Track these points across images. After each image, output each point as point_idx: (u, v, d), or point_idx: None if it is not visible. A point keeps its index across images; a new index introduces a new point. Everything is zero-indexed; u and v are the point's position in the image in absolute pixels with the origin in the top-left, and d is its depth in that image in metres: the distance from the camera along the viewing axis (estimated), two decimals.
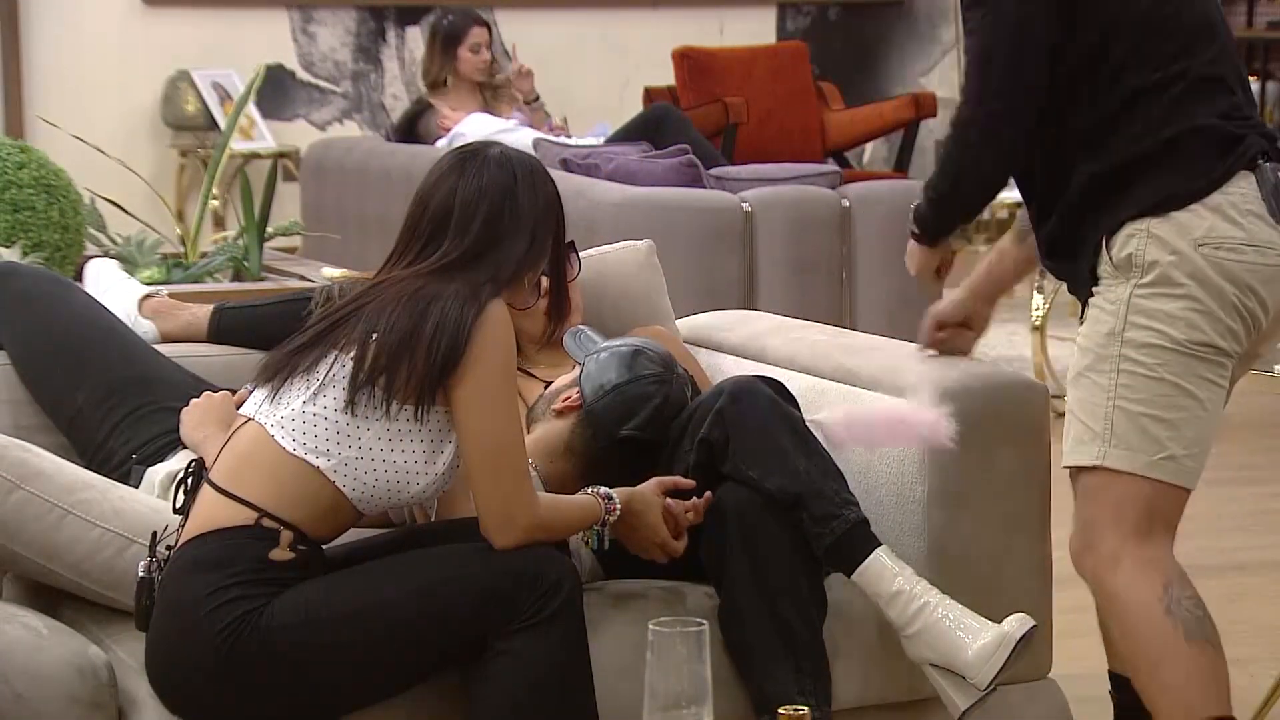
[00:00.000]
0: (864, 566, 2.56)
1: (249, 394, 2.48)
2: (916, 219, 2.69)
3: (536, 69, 6.95)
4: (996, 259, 2.81)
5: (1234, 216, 2.42)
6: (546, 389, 2.81)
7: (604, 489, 2.53)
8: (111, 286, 3.08)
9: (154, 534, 2.46)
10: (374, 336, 2.36)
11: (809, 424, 2.67)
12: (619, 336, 2.91)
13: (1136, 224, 2.46)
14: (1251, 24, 8.36)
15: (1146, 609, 2.42)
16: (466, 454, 2.38)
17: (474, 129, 6.26)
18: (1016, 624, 2.50)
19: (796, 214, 5.36)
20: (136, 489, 2.69)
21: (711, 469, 2.64)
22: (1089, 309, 2.52)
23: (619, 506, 2.51)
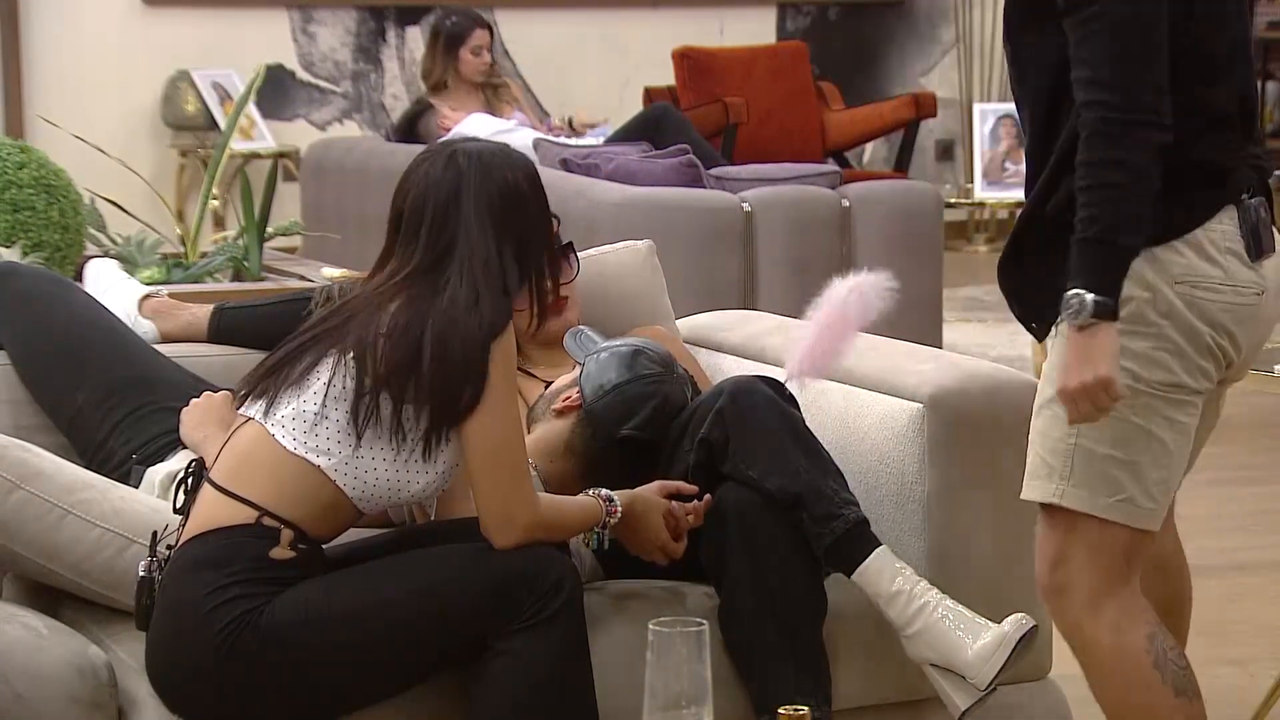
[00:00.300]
0: (864, 566, 2.56)
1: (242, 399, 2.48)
2: (1093, 285, 2.20)
3: (536, 69, 6.95)
4: None
5: (1213, 255, 2.30)
6: (547, 389, 2.81)
7: (605, 491, 2.53)
8: (111, 286, 3.08)
9: (154, 534, 2.46)
10: (371, 366, 2.35)
11: (786, 383, 2.66)
12: (619, 337, 2.91)
13: None
14: (1251, 24, 8.37)
15: (1133, 661, 2.32)
16: (467, 454, 2.38)
17: (474, 129, 6.26)
18: (1016, 624, 2.50)
19: (796, 214, 5.36)
20: (136, 489, 2.69)
21: (711, 469, 2.64)
22: (1054, 338, 2.33)
23: (620, 508, 2.51)
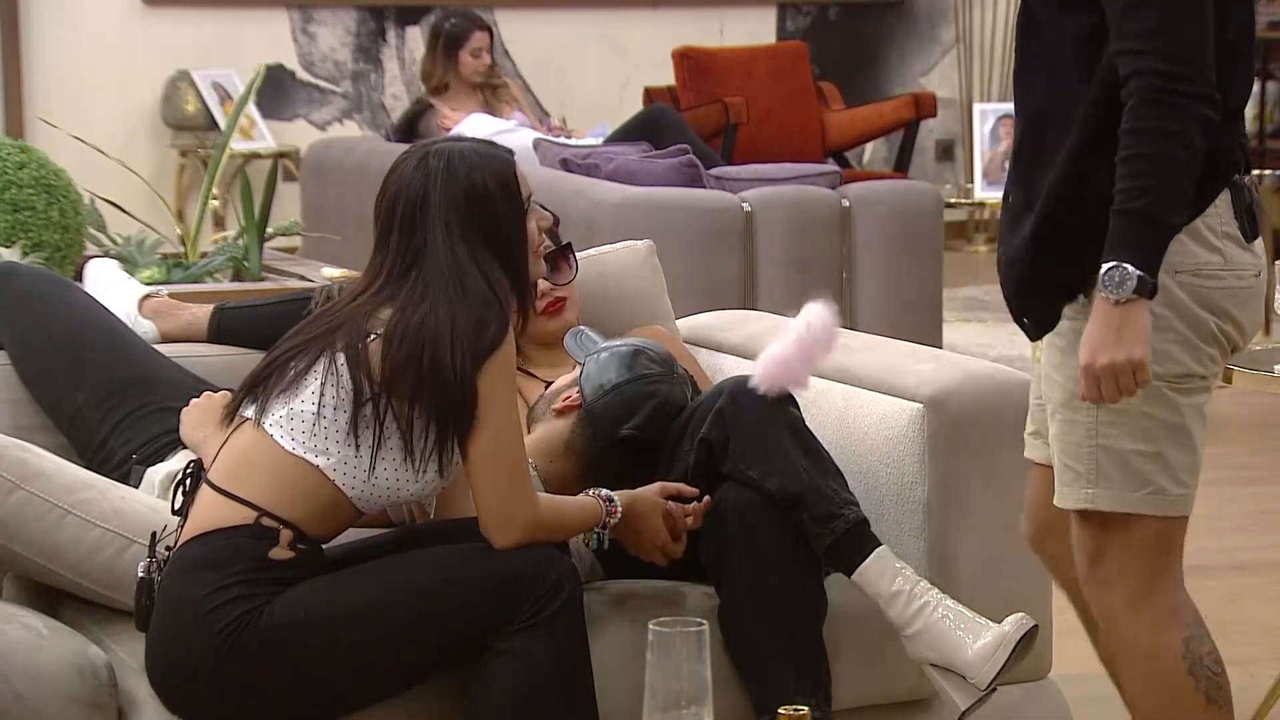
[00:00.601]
0: (864, 566, 2.56)
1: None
2: (1137, 259, 2.14)
3: (536, 69, 6.95)
4: None
5: (1211, 241, 2.27)
6: (547, 389, 2.82)
7: (605, 491, 2.53)
8: (111, 286, 3.08)
9: (153, 534, 2.46)
10: (367, 370, 2.35)
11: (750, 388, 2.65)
12: (619, 337, 2.91)
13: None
14: None
15: (1168, 666, 2.30)
16: (468, 454, 2.38)
17: (474, 130, 6.26)
18: (1016, 624, 2.50)
19: (796, 214, 5.36)
20: (136, 489, 2.69)
21: (711, 468, 2.64)
22: (1054, 337, 2.32)
23: (620, 509, 2.52)
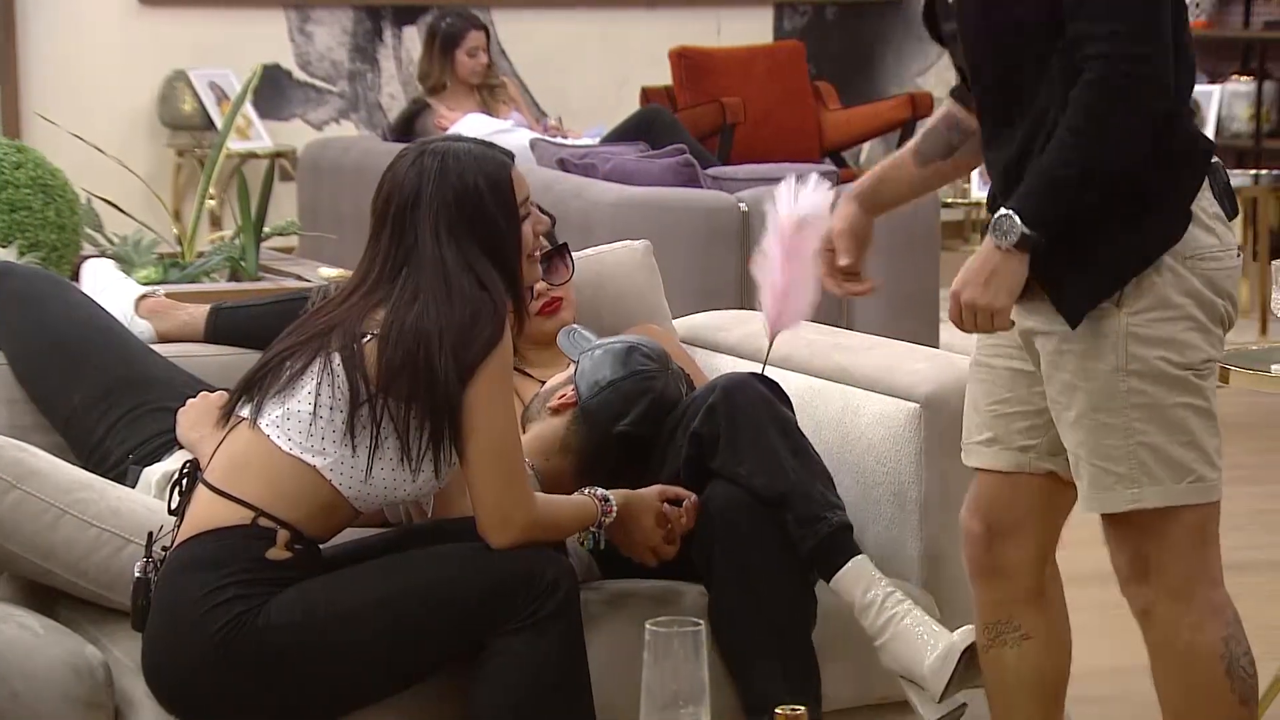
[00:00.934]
0: (841, 573, 2.56)
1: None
2: (1025, 215, 2.18)
3: (533, 68, 6.95)
4: (892, 169, 2.47)
5: (1207, 224, 2.28)
6: (542, 388, 2.82)
7: (600, 491, 2.53)
8: (108, 286, 3.08)
9: (150, 534, 2.46)
10: (363, 370, 2.35)
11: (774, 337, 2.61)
12: (614, 335, 2.91)
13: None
14: (1249, 24, 8.37)
15: (1206, 665, 2.29)
16: (464, 454, 2.38)
17: (470, 130, 6.26)
18: (963, 635, 2.49)
19: None
20: (133, 489, 2.68)
21: (702, 464, 2.65)
22: (1068, 344, 2.28)
23: (615, 508, 2.52)
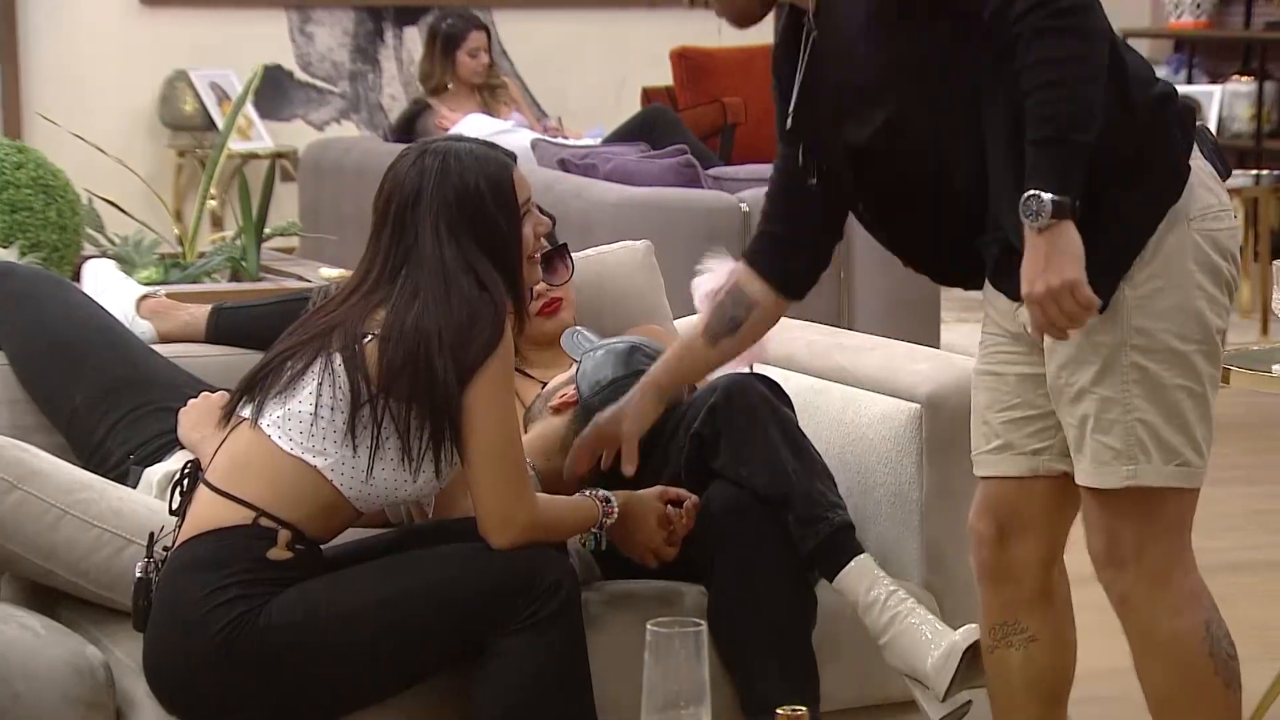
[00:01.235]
0: (844, 573, 2.55)
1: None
2: (1060, 186, 2.10)
3: (534, 69, 6.94)
4: (685, 353, 2.52)
5: (1207, 183, 2.24)
6: (544, 388, 2.82)
7: (602, 492, 2.53)
8: (109, 287, 3.08)
9: (151, 534, 2.46)
10: (364, 371, 2.35)
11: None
12: (615, 336, 2.91)
13: None
14: (1250, 24, 8.37)
15: (1191, 649, 2.28)
16: (466, 455, 2.38)
17: (471, 130, 6.26)
18: (965, 634, 2.49)
19: None
20: (134, 489, 2.69)
21: (703, 464, 2.65)
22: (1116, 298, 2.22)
23: (616, 509, 2.52)
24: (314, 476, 2.38)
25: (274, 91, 7.69)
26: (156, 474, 2.70)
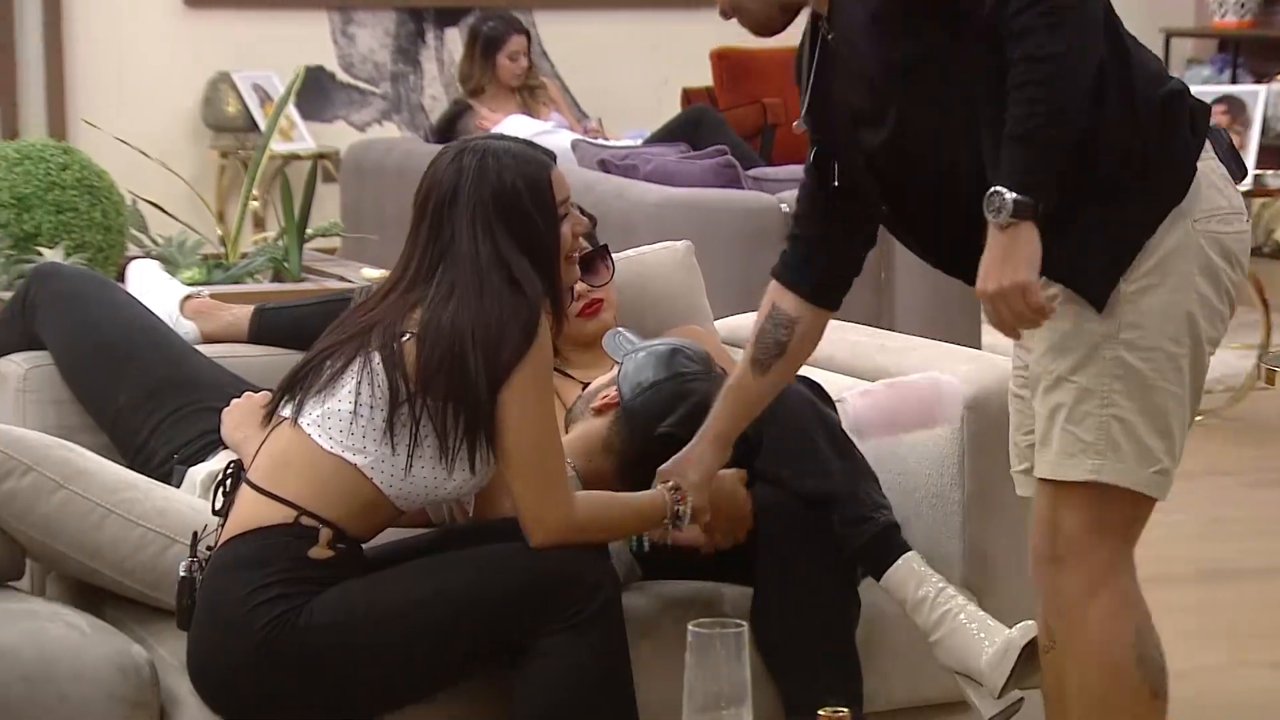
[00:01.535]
0: (891, 571, 2.55)
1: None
2: (1024, 187, 2.09)
3: (574, 69, 6.95)
4: (736, 396, 2.50)
5: (1218, 184, 2.19)
6: (585, 389, 2.82)
7: (672, 483, 2.50)
8: (153, 287, 3.10)
9: (194, 534, 2.47)
10: (402, 370, 2.35)
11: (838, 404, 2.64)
12: (656, 337, 2.92)
13: None
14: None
15: (1118, 655, 2.21)
16: (501, 454, 2.39)
17: (512, 131, 6.27)
18: (1022, 630, 2.47)
19: None
20: (178, 489, 2.70)
21: (746, 466, 2.64)
22: (1058, 303, 2.18)
23: (689, 495, 2.48)
24: (354, 475, 2.39)
25: (316, 93, 7.72)
26: (200, 473, 2.71)
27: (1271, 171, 5.94)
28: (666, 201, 5.24)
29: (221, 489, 2.49)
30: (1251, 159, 6.02)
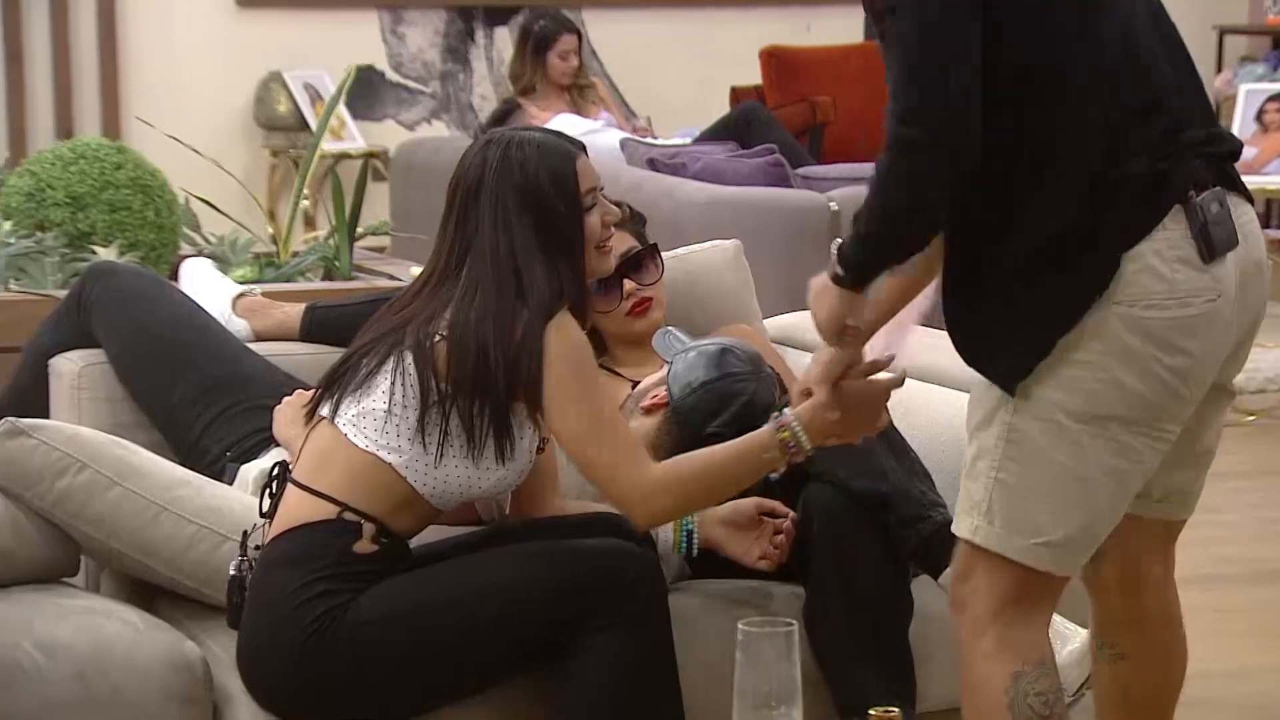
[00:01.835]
0: (949, 569, 2.54)
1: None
2: (840, 257, 2.20)
3: (623, 68, 6.95)
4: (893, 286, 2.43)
5: (1158, 268, 2.08)
6: (634, 389, 2.82)
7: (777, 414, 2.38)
8: (206, 286, 3.12)
9: (245, 532, 2.48)
10: (433, 369, 2.35)
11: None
12: (706, 336, 2.92)
13: None
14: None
15: (989, 698, 2.18)
16: (570, 454, 2.38)
17: (560, 130, 6.28)
18: None
19: None
20: (231, 486, 2.72)
21: (798, 468, 2.64)
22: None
23: (793, 418, 2.34)
24: (389, 473, 2.39)
25: (366, 92, 7.75)
26: (252, 471, 2.73)
27: None
28: (715, 200, 5.23)
29: (268, 490, 2.50)
30: None
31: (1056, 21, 2.11)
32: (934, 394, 2.87)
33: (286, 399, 2.75)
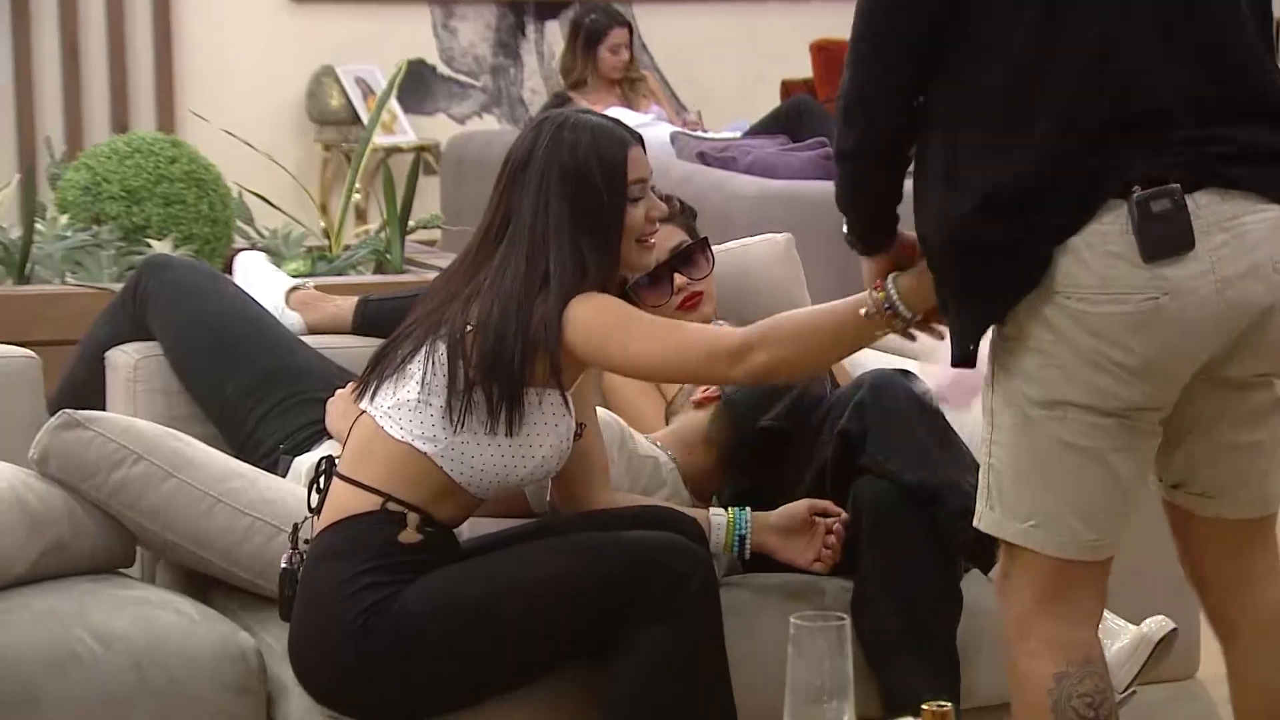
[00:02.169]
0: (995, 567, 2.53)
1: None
2: (847, 234, 2.29)
3: (673, 62, 6.94)
4: None
5: (1089, 261, 2.04)
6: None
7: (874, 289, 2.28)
8: (260, 279, 3.14)
9: (295, 525, 2.49)
10: (464, 359, 2.35)
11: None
12: None
13: None
14: None
15: (1033, 698, 2.16)
16: (658, 380, 2.44)
17: None
18: (1155, 626, 2.45)
19: None
20: (284, 478, 2.73)
21: (849, 461, 2.64)
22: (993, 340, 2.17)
23: (890, 280, 2.26)
24: (425, 463, 2.39)
25: (417, 86, 7.77)
26: (305, 463, 2.74)
27: None
28: (765, 194, 5.22)
29: (315, 486, 2.51)
30: None
31: (1023, 21, 2.08)
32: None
33: (339, 391, 2.76)
